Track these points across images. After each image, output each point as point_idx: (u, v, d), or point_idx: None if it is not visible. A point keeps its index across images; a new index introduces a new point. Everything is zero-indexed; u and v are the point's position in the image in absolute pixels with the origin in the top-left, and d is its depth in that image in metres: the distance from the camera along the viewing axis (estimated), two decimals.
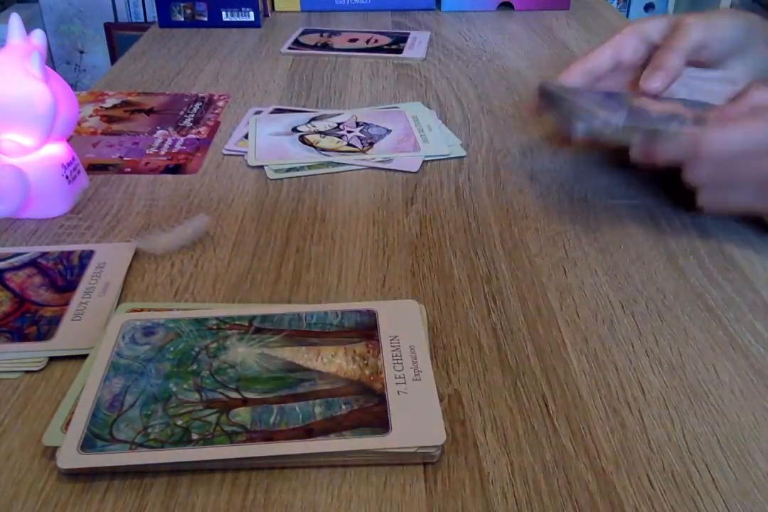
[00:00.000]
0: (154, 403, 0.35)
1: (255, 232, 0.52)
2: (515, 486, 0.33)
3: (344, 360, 0.38)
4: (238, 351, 0.38)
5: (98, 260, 0.47)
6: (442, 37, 0.95)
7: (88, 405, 0.35)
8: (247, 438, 0.33)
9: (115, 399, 0.35)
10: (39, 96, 0.48)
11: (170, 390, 0.36)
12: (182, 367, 0.37)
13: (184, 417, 0.35)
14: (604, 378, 0.39)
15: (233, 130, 0.67)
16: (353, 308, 0.42)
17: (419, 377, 0.37)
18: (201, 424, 0.34)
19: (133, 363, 0.38)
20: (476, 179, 0.59)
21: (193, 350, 0.38)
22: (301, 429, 0.34)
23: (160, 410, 0.35)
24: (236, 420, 0.34)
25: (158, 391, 0.36)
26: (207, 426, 0.34)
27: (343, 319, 0.41)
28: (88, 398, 0.35)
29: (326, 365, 0.38)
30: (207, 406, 0.35)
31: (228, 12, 0.98)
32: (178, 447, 0.33)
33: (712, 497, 0.32)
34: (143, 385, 0.36)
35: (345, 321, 0.41)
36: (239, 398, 0.36)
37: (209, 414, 0.35)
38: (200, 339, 0.39)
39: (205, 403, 0.35)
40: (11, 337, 0.40)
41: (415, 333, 0.40)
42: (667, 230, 0.51)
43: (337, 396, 0.36)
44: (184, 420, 0.34)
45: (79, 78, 2.00)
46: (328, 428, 0.34)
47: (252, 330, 0.40)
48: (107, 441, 0.33)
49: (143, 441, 0.33)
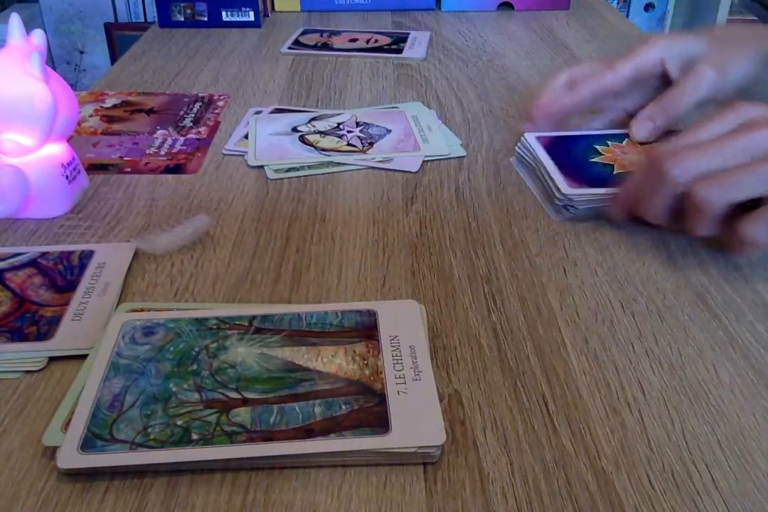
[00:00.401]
0: (154, 403, 0.35)
1: (255, 232, 0.52)
2: (515, 486, 0.33)
3: (344, 360, 0.38)
4: (238, 351, 0.38)
5: (98, 260, 0.47)
6: (442, 37, 0.95)
7: (88, 405, 0.35)
8: (247, 438, 0.33)
9: (115, 399, 0.35)
10: (39, 96, 0.48)
11: (170, 390, 0.36)
12: (182, 367, 0.37)
13: (184, 417, 0.34)
14: (604, 378, 0.39)
15: (233, 130, 0.67)
16: (353, 308, 0.42)
17: (419, 377, 0.37)
18: (201, 424, 0.34)
19: (133, 363, 0.38)
20: (476, 179, 0.59)
21: (193, 350, 0.38)
22: (301, 429, 0.34)
23: (160, 410, 0.35)
24: (236, 420, 0.34)
25: (158, 391, 0.36)
26: (207, 426, 0.34)
27: (343, 319, 0.41)
28: (88, 398, 0.35)
29: (326, 365, 0.38)
30: (207, 406, 0.35)
31: (228, 12, 0.98)
32: (179, 447, 0.33)
33: (712, 497, 0.32)
34: (143, 385, 0.36)
35: (345, 321, 0.41)
36: (239, 398, 0.36)
37: (209, 414, 0.35)
38: (200, 339, 0.39)
39: (205, 403, 0.35)
40: (11, 337, 0.40)
41: (414, 333, 0.40)
42: (667, 230, 0.51)
43: (337, 396, 0.36)
44: (184, 420, 0.34)
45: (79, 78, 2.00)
46: (328, 428, 0.34)
47: (252, 330, 0.40)
48: (107, 441, 0.33)
49: (143, 441, 0.33)
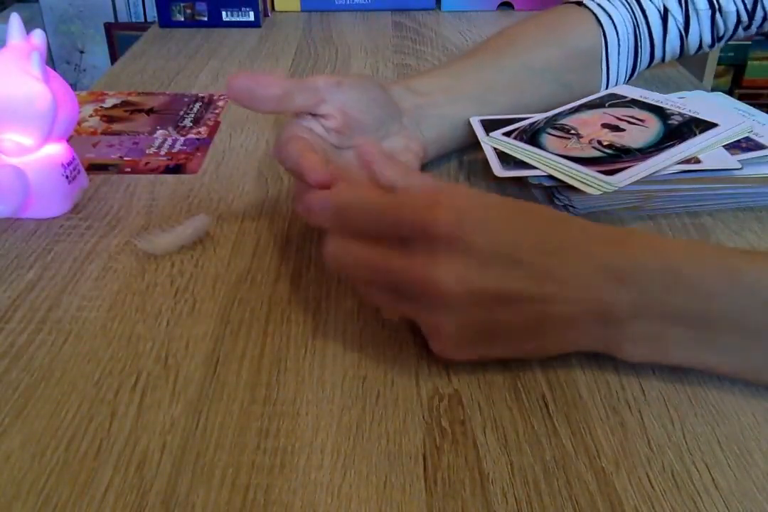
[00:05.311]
0: None
1: (255, 232, 0.52)
2: (515, 486, 0.33)
3: None
4: None
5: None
6: (442, 37, 0.95)
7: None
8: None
9: None
10: (39, 96, 0.48)
11: None
12: None
13: None
14: (604, 378, 0.39)
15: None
16: None
17: None
18: None
19: None
20: (476, 179, 0.59)
21: None
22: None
23: None
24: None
25: None
26: None
27: None
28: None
29: None
30: None
31: (228, 12, 0.98)
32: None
33: (712, 497, 0.32)
34: None
35: None
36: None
37: None
38: None
39: None
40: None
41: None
42: (667, 230, 0.51)
43: None
44: None
45: (79, 78, 2.00)
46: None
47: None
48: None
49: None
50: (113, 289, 0.46)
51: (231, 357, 0.40)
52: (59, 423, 0.36)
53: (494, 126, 0.57)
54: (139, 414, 0.37)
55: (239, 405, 0.37)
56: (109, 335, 0.42)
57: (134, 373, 0.39)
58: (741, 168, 0.51)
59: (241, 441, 0.35)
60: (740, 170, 0.51)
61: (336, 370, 0.40)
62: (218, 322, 0.43)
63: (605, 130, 0.55)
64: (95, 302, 0.45)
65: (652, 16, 0.65)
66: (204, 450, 0.35)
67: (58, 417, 0.36)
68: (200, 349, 0.41)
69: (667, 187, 0.52)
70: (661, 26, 0.65)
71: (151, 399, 0.38)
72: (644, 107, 0.58)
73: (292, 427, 0.36)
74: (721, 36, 0.67)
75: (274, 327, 0.43)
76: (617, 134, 0.54)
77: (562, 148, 0.53)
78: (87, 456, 0.34)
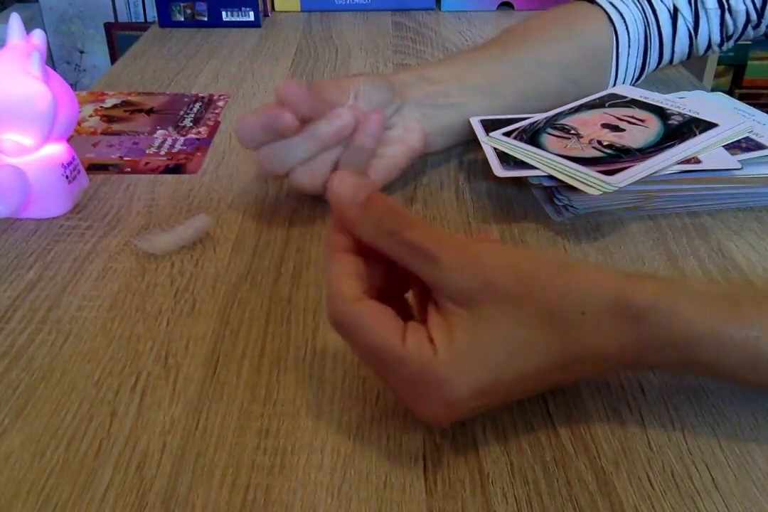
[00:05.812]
0: None
1: (255, 232, 0.52)
2: (515, 486, 0.33)
3: None
4: None
5: None
6: (442, 37, 0.95)
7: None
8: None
9: None
10: (39, 96, 0.48)
11: None
12: None
13: None
14: (604, 379, 0.39)
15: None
16: None
17: None
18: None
19: None
20: (476, 179, 0.59)
21: None
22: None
23: None
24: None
25: None
26: None
27: None
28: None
29: None
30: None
31: (228, 12, 0.98)
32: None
33: (712, 497, 0.32)
34: None
35: None
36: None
37: None
38: None
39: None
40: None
41: None
42: (667, 230, 0.51)
43: None
44: None
45: (79, 78, 2.00)
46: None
47: None
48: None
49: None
50: (113, 289, 0.46)
51: (231, 357, 0.40)
52: (59, 423, 0.36)
53: (494, 126, 0.57)
54: (139, 414, 0.37)
55: (239, 405, 0.37)
56: (109, 335, 0.42)
57: (134, 373, 0.39)
58: (741, 168, 0.51)
59: (241, 441, 0.35)
60: (740, 170, 0.51)
61: (336, 370, 0.40)
62: (218, 322, 0.43)
63: (605, 130, 0.55)
64: (95, 302, 0.45)
65: (663, 15, 0.65)
66: (204, 450, 0.35)
67: (58, 417, 0.36)
68: (200, 349, 0.41)
69: (667, 187, 0.52)
70: (671, 26, 0.65)
71: (151, 399, 0.38)
72: (644, 107, 0.58)
73: (292, 427, 0.36)
74: (731, 35, 0.67)
75: (274, 327, 0.43)
76: (617, 134, 0.54)
77: (562, 148, 0.53)
78: (87, 456, 0.34)
